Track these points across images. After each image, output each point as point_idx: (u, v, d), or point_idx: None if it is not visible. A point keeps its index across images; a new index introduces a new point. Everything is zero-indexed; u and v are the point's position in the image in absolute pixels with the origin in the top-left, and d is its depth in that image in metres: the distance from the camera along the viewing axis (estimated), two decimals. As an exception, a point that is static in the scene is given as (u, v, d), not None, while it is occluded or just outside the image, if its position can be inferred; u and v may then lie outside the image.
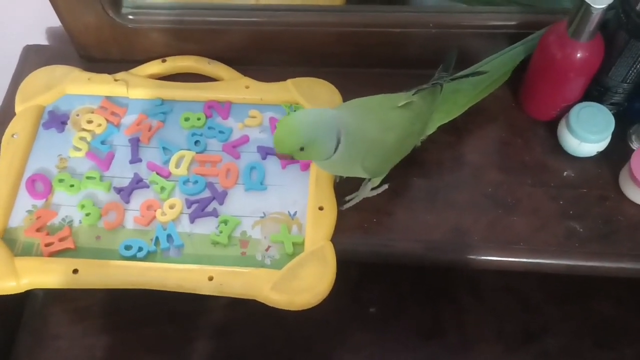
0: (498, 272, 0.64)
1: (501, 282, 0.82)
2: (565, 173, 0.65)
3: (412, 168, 0.65)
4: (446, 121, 0.64)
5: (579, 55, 0.59)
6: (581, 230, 0.62)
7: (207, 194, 0.63)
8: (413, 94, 0.60)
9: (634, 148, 0.66)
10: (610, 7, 0.55)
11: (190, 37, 0.70)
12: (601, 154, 0.64)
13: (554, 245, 0.61)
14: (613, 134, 0.63)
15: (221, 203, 0.62)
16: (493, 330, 0.79)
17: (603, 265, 0.61)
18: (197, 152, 0.65)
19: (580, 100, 0.64)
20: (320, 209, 0.61)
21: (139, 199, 0.62)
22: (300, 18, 0.69)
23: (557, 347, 0.77)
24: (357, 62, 0.71)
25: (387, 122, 0.57)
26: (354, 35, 0.69)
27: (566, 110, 0.64)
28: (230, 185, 0.63)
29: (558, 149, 0.66)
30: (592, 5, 0.54)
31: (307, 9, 0.70)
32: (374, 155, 0.56)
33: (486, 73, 0.63)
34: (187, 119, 0.67)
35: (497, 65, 0.65)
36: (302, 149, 0.52)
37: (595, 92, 0.64)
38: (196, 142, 0.66)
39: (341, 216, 0.61)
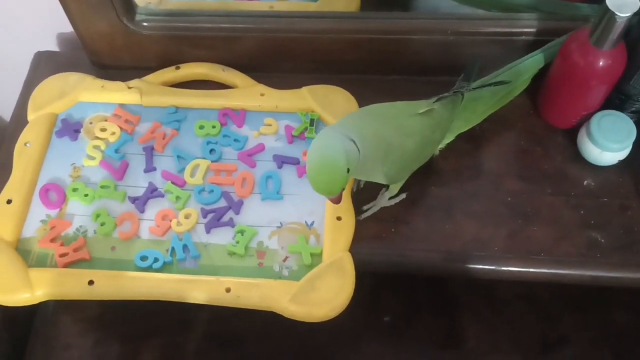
0: (515, 281, 0.63)
1: (517, 291, 0.81)
2: (585, 182, 0.64)
3: (429, 177, 0.64)
4: (465, 129, 0.63)
5: (601, 63, 0.58)
6: (602, 240, 0.61)
7: (222, 203, 0.62)
8: (434, 102, 0.59)
9: (655, 156, 0.65)
10: (634, 14, 0.54)
11: (204, 44, 0.69)
12: (622, 163, 0.63)
13: (576, 256, 0.60)
14: (634, 142, 0.62)
15: (237, 213, 0.61)
16: (509, 340, 0.78)
17: (625, 277, 0.60)
18: (212, 161, 0.64)
19: (601, 108, 0.63)
20: (338, 219, 0.60)
21: (154, 209, 0.61)
22: (316, 25, 0.68)
23: (574, 357, 0.76)
24: (373, 69, 0.70)
25: (407, 128, 0.56)
26: (370, 42, 0.68)
27: (586, 118, 0.64)
28: (246, 194, 0.62)
29: (578, 158, 0.65)
30: (617, 13, 0.53)
31: (322, 15, 0.69)
32: (393, 161, 0.55)
33: (508, 83, 0.62)
34: (201, 127, 0.66)
35: (517, 72, 0.64)
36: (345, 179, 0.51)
37: (616, 100, 0.63)
38: (211, 151, 0.65)
39: (359, 226, 0.61)
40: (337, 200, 0.53)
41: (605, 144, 0.61)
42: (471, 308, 0.80)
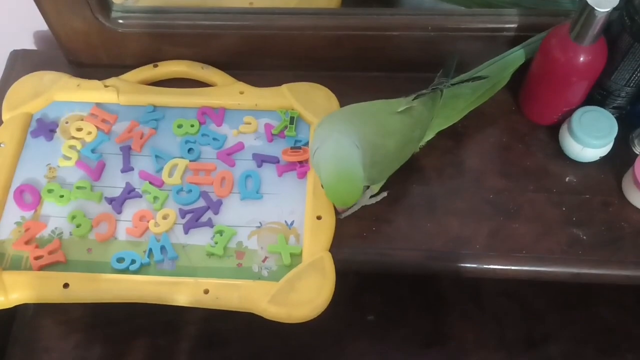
0: (498, 279, 0.63)
1: (502, 288, 0.81)
2: (567, 178, 0.64)
3: (411, 174, 0.63)
4: (445, 127, 0.63)
5: (582, 59, 0.58)
6: (584, 237, 0.60)
7: (201, 203, 0.61)
8: (413, 100, 0.58)
9: (637, 152, 0.65)
10: (614, 9, 0.54)
11: (182, 42, 0.68)
12: (603, 159, 0.63)
13: (558, 253, 0.59)
14: (615, 138, 0.62)
15: (216, 213, 0.60)
16: (494, 337, 0.77)
17: (607, 274, 0.59)
18: (190, 160, 0.63)
19: (582, 105, 0.63)
20: (319, 218, 0.59)
21: (131, 210, 0.60)
22: (296, 21, 0.67)
23: (559, 354, 0.76)
24: (354, 66, 0.69)
25: (387, 127, 0.56)
26: (351, 38, 0.67)
27: (568, 114, 0.63)
28: (225, 194, 0.61)
29: (560, 154, 0.64)
30: (596, 8, 0.53)
31: (302, 12, 0.68)
32: (375, 161, 0.55)
33: (487, 78, 0.62)
34: (180, 126, 0.65)
35: (498, 69, 0.64)
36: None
37: (597, 95, 0.63)
38: (190, 150, 0.64)
39: (339, 225, 0.60)
40: (346, 209, 0.57)
41: (586, 140, 0.61)
42: (456, 305, 0.80)
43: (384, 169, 0.57)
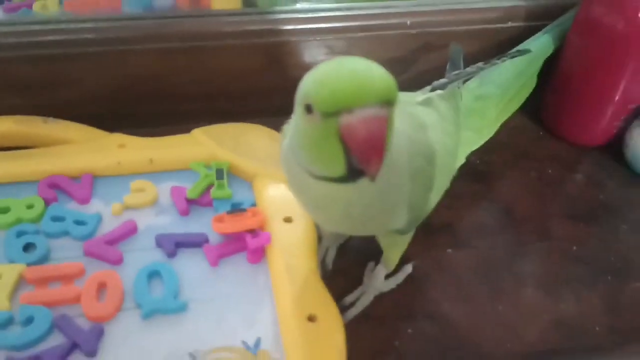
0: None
1: None
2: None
3: (438, 234, 0.37)
4: (476, 146, 0.39)
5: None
6: None
7: (56, 339, 0.28)
8: (430, 92, 0.35)
9: None
10: None
11: (11, 86, 0.40)
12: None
13: None
14: None
15: (92, 353, 0.28)
16: None
17: None
18: (28, 264, 0.31)
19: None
20: (311, 319, 0.29)
21: None
22: (202, 26, 0.42)
23: None
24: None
25: (416, 118, 0.31)
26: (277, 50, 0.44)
27: (631, 119, 0.43)
28: (109, 313, 0.30)
29: (633, 177, 0.43)
30: None
31: (206, 13, 0.43)
32: (417, 174, 0.28)
33: (529, 52, 0.40)
34: (5, 210, 0.34)
35: (538, 47, 0.44)
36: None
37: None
38: (27, 247, 0.32)
39: (351, 333, 0.30)
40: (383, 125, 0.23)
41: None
42: None
43: (430, 188, 0.30)
